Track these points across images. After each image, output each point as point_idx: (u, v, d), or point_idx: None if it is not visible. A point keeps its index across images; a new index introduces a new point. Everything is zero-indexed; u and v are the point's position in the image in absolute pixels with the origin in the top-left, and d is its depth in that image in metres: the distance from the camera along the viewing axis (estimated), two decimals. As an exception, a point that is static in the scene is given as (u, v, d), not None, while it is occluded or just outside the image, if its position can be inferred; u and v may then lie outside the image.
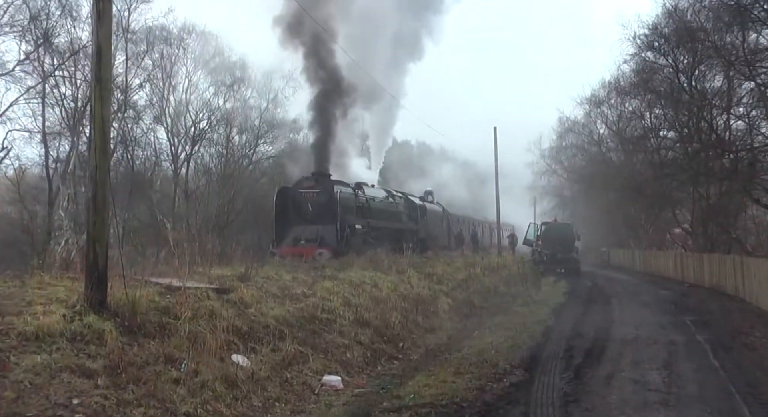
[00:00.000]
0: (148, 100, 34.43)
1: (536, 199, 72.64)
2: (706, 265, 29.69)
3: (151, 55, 32.48)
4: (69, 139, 28.52)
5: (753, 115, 27.36)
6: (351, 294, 15.46)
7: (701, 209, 32.94)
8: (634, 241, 49.30)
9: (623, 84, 39.19)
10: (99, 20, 9.53)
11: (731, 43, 25.62)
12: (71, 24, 27.87)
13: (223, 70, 39.62)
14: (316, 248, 24.34)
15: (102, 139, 9.57)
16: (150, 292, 10.36)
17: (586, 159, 59.21)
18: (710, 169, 28.78)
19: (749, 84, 25.93)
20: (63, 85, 28.50)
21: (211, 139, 39.20)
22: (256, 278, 14.22)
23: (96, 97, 9.59)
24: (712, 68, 28.87)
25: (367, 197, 29.13)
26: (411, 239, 31.34)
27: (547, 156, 68.31)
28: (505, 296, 24.42)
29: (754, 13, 22.61)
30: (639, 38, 30.59)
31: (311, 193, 26.25)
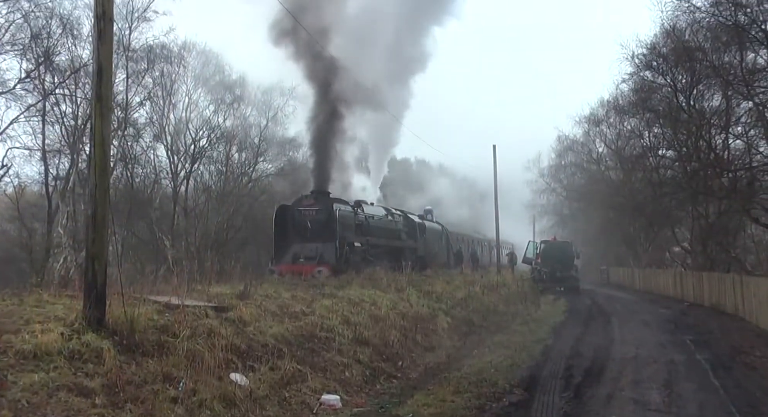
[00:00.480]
0: (148, 117, 34.57)
1: (535, 217, 72.78)
2: (705, 283, 29.65)
3: (152, 73, 32.58)
4: (69, 157, 28.56)
5: (751, 135, 27.43)
6: (350, 312, 15.43)
7: (700, 228, 32.94)
8: (633, 259, 49.26)
9: (622, 103, 39.34)
10: (100, 39, 9.58)
11: (729, 62, 25.73)
12: (72, 42, 28.00)
13: (223, 88, 39.81)
14: (315, 266, 24.31)
15: (102, 157, 9.58)
16: (148, 311, 10.34)
17: (585, 177, 59.34)
18: (709, 188, 28.81)
19: (747, 103, 26.03)
20: (63, 103, 28.60)
21: (211, 156, 39.30)
22: (255, 296, 14.19)
23: (96, 115, 9.61)
24: (711, 87, 28.98)
25: (366, 215, 29.14)
26: (410, 257, 31.30)
27: (546, 174, 68.57)
28: (505, 315, 24.37)
29: (752, 34, 22.73)
30: (637, 58, 30.74)
31: (310, 211, 26.25)
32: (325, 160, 29.47)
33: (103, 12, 9.57)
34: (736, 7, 22.53)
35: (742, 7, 22.46)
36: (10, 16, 25.31)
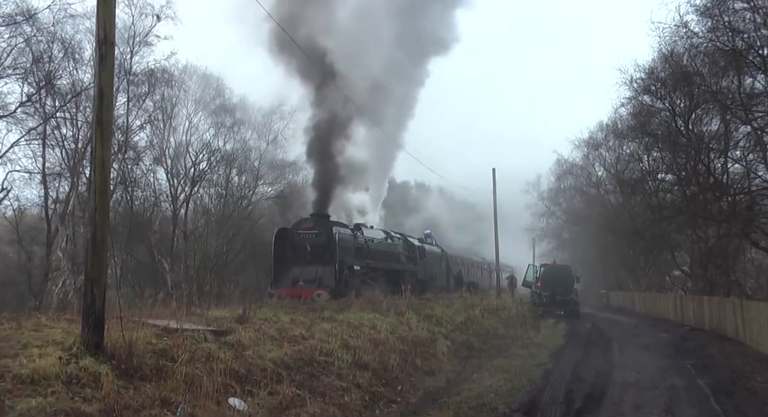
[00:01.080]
0: (148, 141, 34.69)
1: (535, 240, 72.75)
2: (705, 307, 29.58)
3: (153, 96, 32.75)
4: (69, 180, 28.61)
5: (750, 159, 27.48)
6: (349, 336, 15.36)
7: (700, 252, 32.92)
8: (633, 283, 49.18)
9: (621, 127, 39.48)
10: (101, 64, 9.62)
11: (727, 87, 25.84)
12: (73, 66, 28.14)
13: (224, 111, 40.03)
14: (315, 289, 24.28)
15: (102, 181, 9.59)
16: (147, 334, 10.30)
17: (584, 201, 59.39)
18: (708, 211, 28.82)
19: (746, 127, 26.10)
20: (64, 126, 28.71)
21: (211, 179, 39.41)
22: (254, 320, 14.14)
23: (97, 139, 9.64)
24: (709, 112, 29.07)
25: (365, 238, 29.15)
26: (410, 280, 31.24)
27: (545, 197, 68.62)
28: (505, 338, 24.27)
29: (749, 59, 22.86)
30: (636, 82, 30.87)
31: (310, 234, 26.26)
32: (324, 184, 29.54)
33: (104, 37, 9.63)
34: (734, 33, 22.67)
35: (740, 33, 22.61)
36: (12, 40, 25.48)
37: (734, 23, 22.69)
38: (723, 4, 22.71)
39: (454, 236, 61.81)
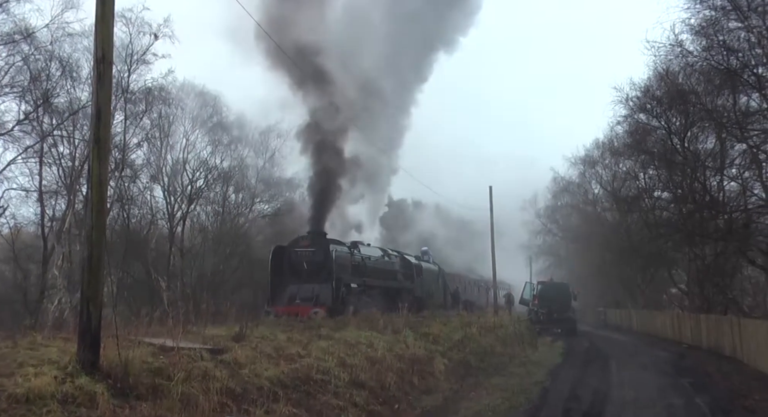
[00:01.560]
0: (145, 158, 34.69)
1: (532, 258, 72.68)
2: (703, 325, 29.54)
3: (150, 114, 32.78)
4: (65, 198, 28.59)
5: (746, 176, 27.56)
6: (346, 354, 15.31)
7: (697, 269, 32.92)
8: (630, 300, 49.11)
9: (617, 145, 39.58)
10: (99, 82, 9.66)
11: (722, 105, 25.96)
12: (71, 85, 28.21)
13: (221, 129, 40.07)
14: (312, 307, 24.26)
15: (99, 199, 9.60)
16: (143, 353, 10.26)
17: (581, 218, 59.41)
18: (705, 229, 28.86)
19: (741, 146, 26.20)
20: (61, 145, 28.72)
21: (208, 197, 39.37)
22: (250, 338, 14.11)
23: (94, 158, 9.65)
24: (705, 130, 29.19)
25: (362, 256, 29.15)
26: (407, 298, 31.19)
27: (542, 215, 68.65)
28: (502, 356, 24.20)
29: (744, 78, 22.98)
30: (631, 100, 31.02)
31: (307, 251, 26.25)
32: (321, 201, 29.58)
33: (102, 56, 9.67)
34: (728, 52, 22.81)
35: (734, 52, 22.75)
36: (10, 58, 25.56)
37: (729, 42, 22.84)
38: (717, 24, 22.88)
39: (451, 254, 61.74)
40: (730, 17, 22.71)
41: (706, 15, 23.19)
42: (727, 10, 22.50)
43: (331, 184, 30.13)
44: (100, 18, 9.75)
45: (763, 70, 22.83)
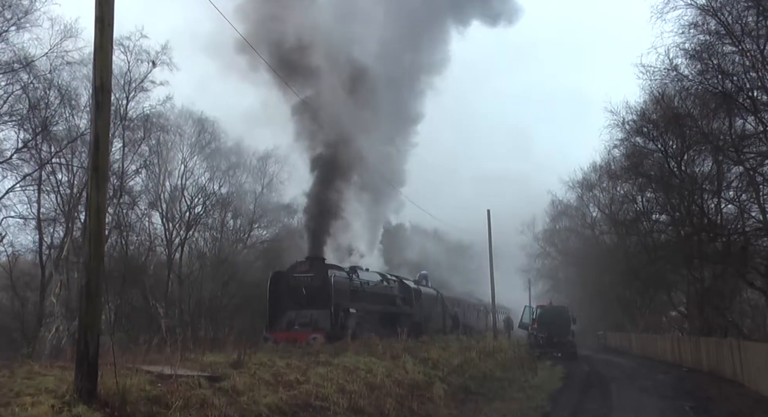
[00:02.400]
0: (143, 185, 34.77)
1: (531, 281, 72.52)
2: (703, 348, 29.45)
3: (148, 141, 32.90)
4: (63, 226, 28.59)
5: (743, 199, 27.61)
6: (345, 380, 15.24)
7: (696, 292, 32.87)
8: (630, 324, 48.97)
9: (614, 168, 39.69)
10: (97, 111, 9.70)
11: (718, 128, 26.09)
12: (70, 112, 28.35)
13: (219, 155, 40.20)
14: (310, 333, 24.19)
15: (97, 227, 9.61)
16: (141, 381, 10.21)
17: (579, 242, 59.41)
18: (703, 252, 28.86)
19: (738, 168, 26.28)
20: (59, 172, 28.80)
21: (206, 223, 39.38)
22: (249, 365, 14.04)
23: (92, 186, 9.68)
24: (701, 153, 29.29)
25: (361, 281, 29.11)
26: (406, 323, 31.09)
27: (540, 238, 68.65)
28: (502, 381, 24.07)
29: (739, 101, 23.13)
30: (628, 124, 31.17)
31: (305, 277, 26.22)
32: (319, 226, 29.59)
33: (101, 84, 9.73)
34: (723, 76, 23.00)
35: (729, 76, 22.93)
36: (9, 87, 25.68)
37: (723, 66, 23.04)
38: (712, 48, 23.10)
39: (450, 278, 61.65)
40: (724, 41, 22.94)
41: (701, 39, 23.47)
42: (721, 35, 22.73)
43: (329, 210, 30.17)
44: (99, 47, 9.82)
45: (758, 94, 23.00)
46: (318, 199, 29.96)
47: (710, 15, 22.74)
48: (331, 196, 30.32)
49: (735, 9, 22.24)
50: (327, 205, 29.99)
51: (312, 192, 30.51)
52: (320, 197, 29.93)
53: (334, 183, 30.58)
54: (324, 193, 29.93)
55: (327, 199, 30.01)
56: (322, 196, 29.96)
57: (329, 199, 30.14)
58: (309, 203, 30.81)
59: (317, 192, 30.16)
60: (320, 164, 30.34)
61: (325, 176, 30.21)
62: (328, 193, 30.08)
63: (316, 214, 29.80)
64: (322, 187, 30.04)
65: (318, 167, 30.38)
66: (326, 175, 30.26)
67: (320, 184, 30.08)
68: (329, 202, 30.14)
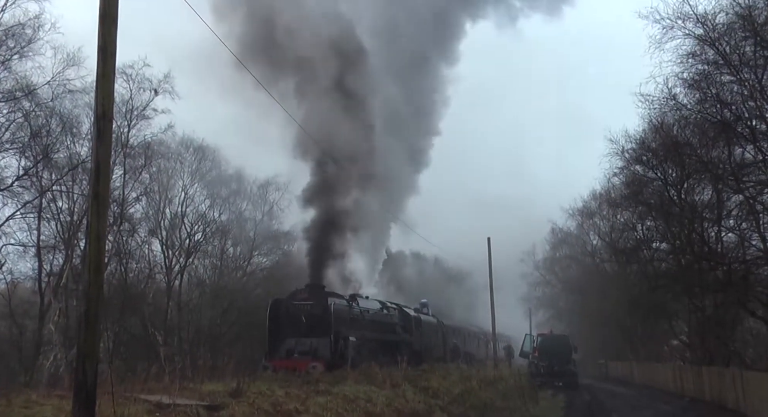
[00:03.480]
0: (144, 212, 34.81)
1: (531, 310, 72.31)
2: (705, 378, 29.24)
3: (149, 169, 32.99)
4: (63, 253, 28.56)
5: (743, 227, 27.58)
6: (345, 410, 15.16)
7: (697, 321, 32.72)
8: (631, 352, 48.68)
9: (614, 196, 39.71)
10: (99, 139, 9.76)
11: (718, 157, 26.13)
12: (71, 140, 28.45)
13: (220, 182, 40.29)
14: (310, 361, 24.09)
15: (97, 255, 9.61)
16: (139, 411, 10.16)
17: (580, 270, 59.27)
18: (704, 280, 28.77)
19: (738, 197, 26.28)
20: (60, 199, 28.82)
21: (206, 250, 39.36)
22: (248, 394, 13.97)
23: (93, 213, 9.70)
24: (701, 181, 29.29)
25: (361, 309, 29.04)
26: (406, 351, 30.98)
27: (541, 267, 68.50)
28: (503, 411, 23.89)
29: (738, 130, 23.21)
30: (627, 152, 31.22)
31: (305, 304, 26.18)
32: (319, 254, 29.58)
33: (103, 113, 9.79)
34: (722, 105, 23.10)
35: (728, 105, 23.04)
36: (11, 115, 25.78)
37: (722, 95, 23.15)
38: (710, 78, 23.22)
39: (450, 305, 61.49)
40: (722, 71, 23.06)
41: (699, 69, 23.57)
42: (719, 64, 22.87)
43: (329, 237, 30.19)
44: (101, 76, 9.89)
45: (756, 123, 23.07)
46: (318, 226, 30.00)
47: (708, 45, 22.89)
48: (331, 223, 30.35)
49: (733, 39, 22.39)
50: (327, 233, 30.03)
51: (312, 220, 30.58)
52: (320, 225, 29.97)
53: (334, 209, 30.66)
54: (323, 220, 29.97)
55: (327, 227, 30.04)
56: (321, 224, 30.00)
57: (329, 227, 30.17)
58: (309, 231, 30.85)
59: (317, 220, 30.21)
60: (319, 193, 30.44)
61: (324, 205, 30.29)
62: (327, 220, 30.13)
63: (316, 242, 29.81)
64: (322, 216, 30.10)
65: (317, 196, 30.47)
66: (326, 205, 30.33)
67: (320, 213, 30.15)
68: (329, 229, 30.17)
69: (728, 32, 22.45)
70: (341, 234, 31.39)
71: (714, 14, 22.53)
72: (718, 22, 22.54)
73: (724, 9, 22.23)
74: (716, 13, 22.49)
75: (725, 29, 22.42)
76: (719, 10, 22.36)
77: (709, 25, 22.63)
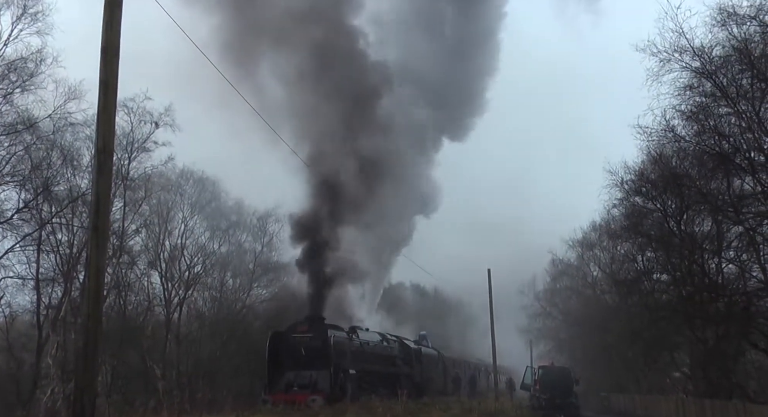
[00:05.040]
0: (143, 244, 34.76)
1: (532, 341, 71.86)
2: (708, 411, 28.97)
3: (149, 201, 33.04)
4: (62, 286, 28.47)
5: (744, 259, 27.53)
6: (344, 445, 15.02)
7: (699, 353, 32.52)
8: (633, 384, 48.30)
9: (614, 227, 39.68)
10: (99, 172, 9.79)
11: (717, 188, 26.18)
12: (71, 173, 28.53)
13: (219, 214, 40.31)
14: (309, 395, 23.93)
15: (96, 288, 9.59)
16: (137, 446, 10.07)
17: (580, 301, 59.02)
18: (705, 312, 28.66)
19: (738, 228, 26.28)
20: (59, 232, 28.80)
21: (205, 283, 39.25)
22: (246, 429, 13.85)
23: (92, 246, 9.70)
24: (700, 213, 29.31)
25: (361, 341, 28.91)
26: (406, 384, 30.78)
27: (541, 298, 68.18)
28: (504, 445, 23.71)
29: (737, 161, 23.28)
30: (626, 184, 31.24)
31: (304, 337, 26.07)
32: (318, 286, 29.50)
33: (103, 146, 9.83)
34: (720, 137, 23.21)
35: (726, 137, 23.15)
36: (11, 148, 25.87)
37: (720, 127, 23.28)
38: (708, 110, 23.36)
39: (451, 337, 61.24)
40: (720, 103, 23.21)
41: (697, 101, 23.74)
42: (716, 97, 23.02)
43: (328, 269, 30.14)
44: (102, 109, 9.95)
45: (755, 155, 23.15)
46: (317, 259, 29.94)
47: (705, 78, 23.06)
48: (330, 256, 30.33)
49: (730, 72, 22.56)
50: (326, 265, 29.99)
51: (308, 251, 30.52)
52: (320, 257, 29.92)
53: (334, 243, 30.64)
54: (323, 253, 29.94)
55: (326, 260, 30.01)
56: (321, 256, 29.95)
57: (328, 259, 30.14)
58: (308, 263, 30.78)
59: (316, 251, 30.17)
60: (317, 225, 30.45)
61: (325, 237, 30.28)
62: (326, 253, 30.10)
63: (316, 274, 29.74)
64: (321, 247, 30.06)
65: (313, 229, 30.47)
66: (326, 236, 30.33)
67: (320, 245, 30.11)
68: (328, 262, 30.14)
69: (725, 65, 22.63)
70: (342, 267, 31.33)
71: (710, 47, 22.73)
72: (714, 55, 22.73)
73: (720, 42, 22.43)
74: (713, 46, 22.70)
75: (722, 62, 22.59)
76: (716, 43, 22.57)
77: (706, 58, 22.81)
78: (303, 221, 31.27)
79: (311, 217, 30.92)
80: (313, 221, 30.71)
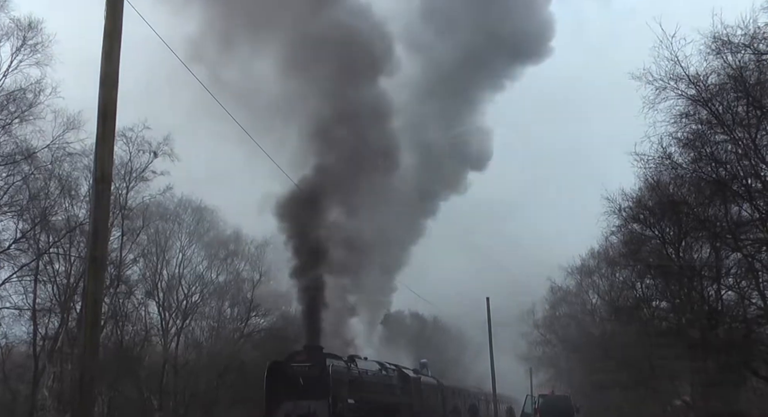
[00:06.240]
0: (141, 274, 34.69)
1: (532, 369, 71.44)
2: (710, 439, 28.74)
3: (147, 230, 33.02)
4: (59, 316, 28.34)
5: (743, 285, 27.46)
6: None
7: (700, 380, 32.30)
8: (634, 413, 47.92)
9: (612, 254, 39.62)
10: (97, 202, 9.79)
11: (715, 215, 26.18)
12: (69, 202, 28.54)
13: (217, 243, 40.24)
14: (307, 425, 23.70)
15: (93, 319, 9.54)
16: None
17: (580, 329, 58.76)
18: (705, 339, 28.52)
19: (736, 255, 26.24)
20: (57, 262, 28.74)
21: (203, 312, 39.11)
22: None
23: (90, 276, 9.66)
24: (699, 239, 29.26)
25: (360, 370, 28.71)
26: (405, 414, 30.50)
27: (540, 326, 67.87)
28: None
29: (734, 188, 23.32)
30: (624, 211, 31.21)
31: (303, 366, 25.86)
32: (316, 315, 29.37)
33: (101, 176, 9.84)
34: (717, 164, 23.26)
35: (723, 164, 23.20)
36: (9, 178, 25.91)
37: (717, 154, 23.32)
38: (704, 137, 23.44)
39: (450, 366, 60.87)
40: (716, 130, 23.29)
41: (693, 128, 23.80)
42: (712, 124, 23.11)
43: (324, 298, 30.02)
44: (101, 138, 9.99)
45: (752, 181, 23.19)
46: (313, 287, 29.82)
47: (701, 105, 23.15)
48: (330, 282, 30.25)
49: (725, 99, 22.66)
50: (322, 291, 29.87)
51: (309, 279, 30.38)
52: (316, 285, 29.80)
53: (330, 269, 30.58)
54: (319, 281, 29.84)
55: (323, 285, 29.91)
56: (319, 283, 29.84)
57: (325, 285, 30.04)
58: (306, 291, 30.64)
59: (315, 279, 30.05)
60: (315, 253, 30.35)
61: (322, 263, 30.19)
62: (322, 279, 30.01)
63: (314, 303, 29.61)
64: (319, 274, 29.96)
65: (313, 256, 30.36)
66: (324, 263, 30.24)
67: (318, 271, 30.01)
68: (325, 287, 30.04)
69: (720, 92, 22.74)
70: (340, 294, 31.24)
71: (706, 75, 22.84)
72: (710, 82, 22.83)
73: (715, 70, 22.54)
74: (708, 74, 22.80)
75: (717, 90, 22.69)
76: (711, 71, 22.67)
77: (702, 85, 22.92)
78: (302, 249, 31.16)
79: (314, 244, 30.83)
80: (312, 251, 30.60)
